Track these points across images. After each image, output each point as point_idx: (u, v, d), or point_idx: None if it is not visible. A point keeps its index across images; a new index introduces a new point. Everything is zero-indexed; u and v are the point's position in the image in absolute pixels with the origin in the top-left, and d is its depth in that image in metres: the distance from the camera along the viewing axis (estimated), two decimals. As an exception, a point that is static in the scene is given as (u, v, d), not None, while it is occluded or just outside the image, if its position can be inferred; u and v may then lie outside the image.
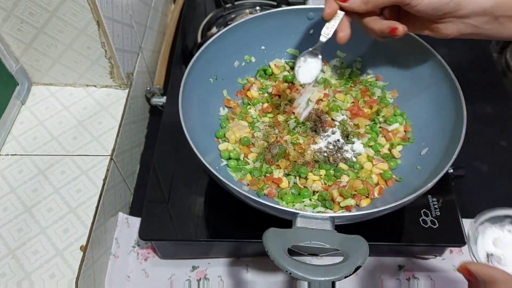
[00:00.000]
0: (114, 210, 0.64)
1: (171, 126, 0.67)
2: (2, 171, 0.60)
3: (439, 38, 0.50)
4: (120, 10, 0.66)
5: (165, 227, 0.57)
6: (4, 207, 0.56)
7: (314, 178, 0.57)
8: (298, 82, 0.66)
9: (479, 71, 0.42)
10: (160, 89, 0.79)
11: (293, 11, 0.67)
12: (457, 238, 0.56)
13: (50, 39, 0.62)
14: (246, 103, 0.67)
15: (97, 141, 0.63)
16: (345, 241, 0.43)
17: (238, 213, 0.56)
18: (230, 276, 0.61)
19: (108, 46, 0.63)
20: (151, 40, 0.84)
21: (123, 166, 0.67)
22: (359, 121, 0.63)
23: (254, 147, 0.61)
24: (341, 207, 0.54)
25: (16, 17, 0.59)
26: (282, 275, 0.60)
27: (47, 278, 0.51)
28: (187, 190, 0.61)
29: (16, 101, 0.66)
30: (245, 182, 0.58)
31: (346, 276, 0.40)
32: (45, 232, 0.55)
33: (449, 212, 0.58)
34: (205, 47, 0.61)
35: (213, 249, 0.61)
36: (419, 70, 0.62)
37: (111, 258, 0.62)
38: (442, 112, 0.57)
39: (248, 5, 0.91)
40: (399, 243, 0.58)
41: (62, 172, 0.60)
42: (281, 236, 0.43)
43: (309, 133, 0.62)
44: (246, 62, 0.69)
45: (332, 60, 0.71)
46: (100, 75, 0.68)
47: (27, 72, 0.68)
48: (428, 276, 0.60)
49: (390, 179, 0.57)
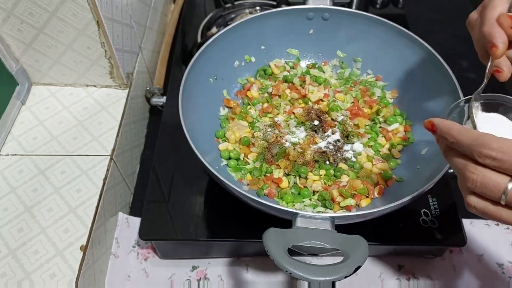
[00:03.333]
0: (114, 210, 0.64)
1: (171, 126, 0.67)
2: (2, 171, 0.60)
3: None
4: (120, 10, 0.66)
5: (165, 227, 0.57)
6: (4, 207, 0.56)
7: (314, 178, 0.58)
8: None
9: (479, 71, 0.42)
10: (160, 89, 0.79)
11: (293, 11, 0.67)
12: (457, 238, 0.56)
13: (50, 39, 0.62)
14: (246, 103, 0.67)
15: (97, 141, 0.63)
16: (345, 241, 0.43)
17: (238, 213, 0.56)
18: (230, 276, 0.61)
19: (108, 46, 0.63)
20: (151, 40, 0.84)
21: (123, 166, 0.67)
22: (359, 121, 0.63)
23: (254, 147, 0.61)
24: (341, 207, 0.55)
25: (16, 17, 0.59)
26: (282, 275, 0.60)
27: (47, 278, 0.51)
28: (187, 190, 0.61)
29: (16, 101, 0.66)
30: (245, 182, 0.58)
31: (346, 276, 0.40)
32: (45, 232, 0.55)
33: (449, 212, 0.58)
34: (205, 47, 0.61)
35: (213, 249, 0.61)
36: (418, 70, 0.63)
37: (111, 258, 0.62)
38: (442, 111, 0.57)
39: (248, 5, 0.91)
40: (399, 243, 0.58)
41: (62, 172, 0.60)
42: (281, 236, 0.43)
43: (309, 133, 0.62)
44: (246, 62, 0.69)
45: (332, 60, 0.71)
46: (100, 75, 0.68)
47: (27, 72, 0.68)
48: (428, 276, 0.60)
49: (390, 179, 0.57)
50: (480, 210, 0.34)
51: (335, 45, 0.70)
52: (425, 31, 0.67)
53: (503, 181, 0.32)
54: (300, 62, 0.72)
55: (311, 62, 0.72)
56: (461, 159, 0.35)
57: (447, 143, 0.36)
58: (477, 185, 0.33)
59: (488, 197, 0.33)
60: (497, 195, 0.33)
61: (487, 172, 0.33)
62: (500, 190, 0.32)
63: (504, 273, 0.60)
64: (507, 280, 0.59)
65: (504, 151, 0.31)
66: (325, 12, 0.67)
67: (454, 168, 0.36)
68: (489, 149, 0.32)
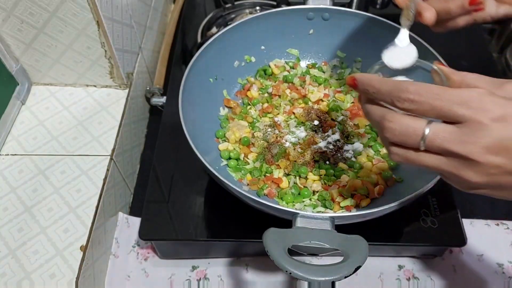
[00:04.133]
0: (114, 210, 0.64)
1: (171, 126, 0.67)
2: (2, 171, 0.60)
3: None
4: (120, 10, 0.66)
5: (165, 227, 0.57)
6: (4, 207, 0.56)
7: (314, 178, 0.58)
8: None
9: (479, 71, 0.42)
10: (160, 89, 0.79)
11: (293, 11, 0.67)
12: (457, 238, 0.56)
13: (50, 39, 0.62)
14: (246, 103, 0.67)
15: (97, 141, 0.63)
16: (345, 241, 0.43)
17: (238, 213, 0.56)
18: (230, 276, 0.61)
19: (108, 46, 0.63)
20: (151, 40, 0.84)
21: (123, 166, 0.67)
22: (359, 121, 0.63)
23: (254, 147, 0.61)
24: (341, 207, 0.55)
25: (16, 17, 0.59)
26: (282, 275, 0.60)
27: (47, 278, 0.51)
28: (187, 190, 0.61)
29: (16, 101, 0.66)
30: (245, 182, 0.58)
31: (346, 276, 0.40)
32: (45, 232, 0.55)
33: (449, 212, 0.58)
34: (205, 47, 0.61)
35: (213, 249, 0.61)
36: (418, 70, 0.62)
37: (111, 258, 0.62)
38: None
39: (248, 5, 0.91)
40: (399, 243, 0.58)
41: (62, 172, 0.60)
42: (281, 236, 0.43)
43: (309, 133, 0.62)
44: (246, 62, 0.69)
45: (332, 60, 0.71)
46: (100, 75, 0.68)
47: (27, 72, 0.68)
48: (428, 276, 0.60)
49: (390, 179, 0.57)
50: (404, 159, 0.35)
51: (335, 45, 0.70)
52: (425, 31, 0.67)
53: (420, 126, 0.33)
54: (300, 62, 0.72)
55: (311, 62, 0.72)
56: (380, 110, 0.36)
57: (368, 94, 0.37)
58: (395, 134, 0.34)
59: (408, 145, 0.34)
60: (416, 141, 0.33)
61: (404, 119, 0.34)
62: (419, 135, 0.33)
63: (504, 273, 0.60)
64: (507, 280, 0.59)
65: (421, 94, 0.32)
66: (325, 12, 0.67)
67: (374, 123, 0.37)
68: (407, 92, 0.33)
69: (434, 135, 0.32)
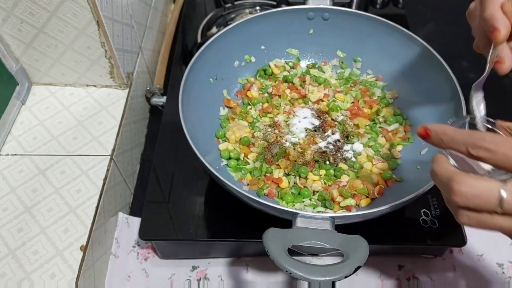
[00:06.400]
0: (114, 210, 0.64)
1: (171, 126, 0.67)
2: (2, 171, 0.60)
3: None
4: (120, 10, 0.66)
5: (165, 227, 0.57)
6: (4, 207, 0.56)
7: (314, 178, 0.57)
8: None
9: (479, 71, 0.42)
10: (160, 89, 0.79)
11: (293, 11, 0.67)
12: (457, 238, 0.56)
13: (50, 39, 0.62)
14: (246, 103, 0.67)
15: (97, 141, 0.63)
16: (345, 241, 0.43)
17: (238, 213, 0.56)
18: (230, 276, 0.61)
19: (108, 46, 0.63)
20: (151, 40, 0.84)
21: (123, 166, 0.67)
22: (359, 121, 0.63)
23: (254, 147, 0.61)
24: (341, 207, 0.55)
25: (16, 17, 0.59)
26: (282, 275, 0.60)
27: (47, 278, 0.51)
28: (187, 190, 0.61)
29: (16, 101, 0.66)
30: (245, 182, 0.58)
31: (346, 276, 0.40)
32: (45, 232, 0.55)
33: (449, 212, 0.57)
34: (205, 47, 0.61)
35: (213, 249, 0.61)
36: (418, 70, 0.62)
37: (111, 258, 0.62)
38: (442, 112, 0.57)
39: (248, 5, 0.91)
40: (399, 243, 0.58)
41: (62, 172, 0.60)
42: (281, 236, 0.43)
43: (309, 133, 0.62)
44: (246, 62, 0.69)
45: (332, 60, 0.71)
46: (100, 75, 0.68)
47: (27, 72, 0.68)
48: (428, 276, 0.60)
49: (390, 179, 0.57)
50: (477, 223, 0.33)
51: (335, 45, 0.70)
52: (425, 31, 0.67)
53: (494, 188, 0.31)
54: (300, 62, 0.72)
55: (311, 62, 0.72)
56: (448, 172, 0.34)
57: (442, 144, 0.35)
58: (468, 197, 0.32)
59: (482, 208, 0.32)
60: (493, 204, 0.31)
61: (475, 181, 0.32)
62: (495, 198, 0.31)
63: (504, 273, 0.60)
64: (507, 280, 0.59)
65: (497, 143, 0.31)
66: (325, 12, 0.67)
67: (440, 184, 0.35)
68: (483, 141, 0.32)
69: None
